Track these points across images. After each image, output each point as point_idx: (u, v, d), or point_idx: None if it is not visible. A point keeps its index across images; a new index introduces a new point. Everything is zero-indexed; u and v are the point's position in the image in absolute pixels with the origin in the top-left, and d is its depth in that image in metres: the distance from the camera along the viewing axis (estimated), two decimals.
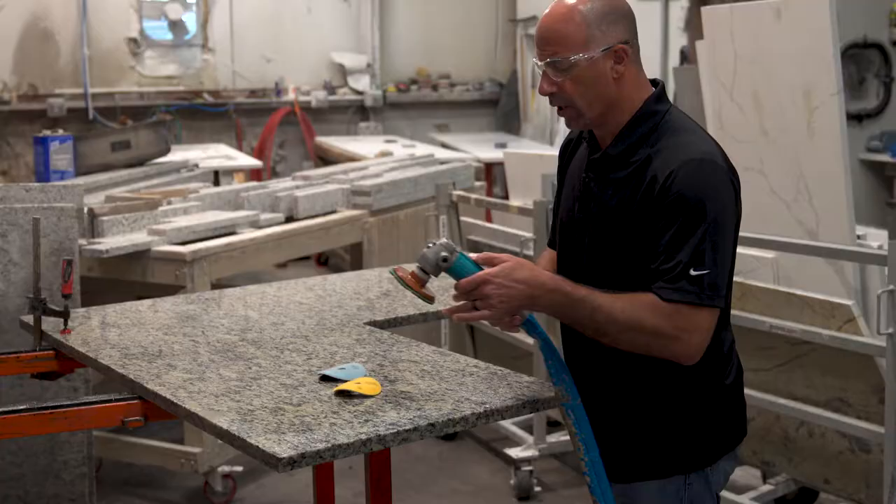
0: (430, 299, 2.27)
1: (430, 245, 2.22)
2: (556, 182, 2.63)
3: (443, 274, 2.23)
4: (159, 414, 2.53)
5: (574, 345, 2.40)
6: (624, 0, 2.29)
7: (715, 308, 2.17)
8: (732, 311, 3.93)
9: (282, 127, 10.51)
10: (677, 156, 2.18)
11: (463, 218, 5.33)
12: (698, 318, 2.15)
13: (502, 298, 2.15)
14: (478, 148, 9.48)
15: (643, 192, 2.19)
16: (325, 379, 2.48)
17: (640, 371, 2.29)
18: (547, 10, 2.27)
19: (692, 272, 2.13)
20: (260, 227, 5.21)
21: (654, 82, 2.34)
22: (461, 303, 2.20)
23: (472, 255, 2.23)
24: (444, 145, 9.90)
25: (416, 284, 2.23)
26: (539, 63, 2.26)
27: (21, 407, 2.59)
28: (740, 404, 2.44)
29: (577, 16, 2.21)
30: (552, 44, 2.23)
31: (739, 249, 4.15)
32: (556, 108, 2.32)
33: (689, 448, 2.32)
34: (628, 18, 2.27)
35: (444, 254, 2.19)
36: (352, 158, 8.57)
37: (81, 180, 5.99)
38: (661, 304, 2.14)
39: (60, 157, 6.34)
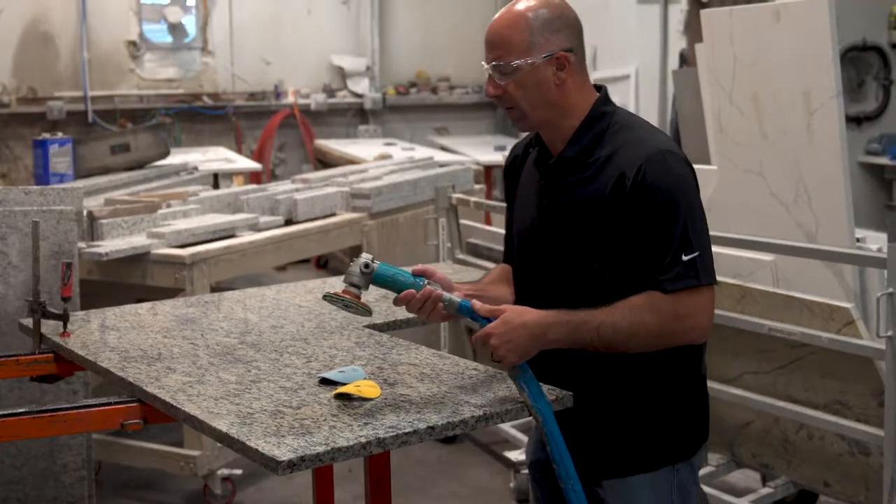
0: (368, 311, 2.35)
1: (353, 262, 2.33)
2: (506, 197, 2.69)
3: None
4: (159, 417, 2.52)
5: (555, 354, 2.40)
6: (571, 10, 2.38)
7: (712, 286, 2.26)
8: (731, 314, 3.96)
9: (281, 130, 10.51)
10: (640, 150, 2.27)
11: (462, 221, 5.34)
12: (699, 299, 2.24)
13: (509, 348, 2.24)
14: (477, 151, 9.49)
15: (612, 188, 2.27)
16: (325, 382, 2.48)
17: (625, 369, 2.35)
18: (496, 16, 2.37)
19: (684, 257, 2.22)
20: (259, 230, 5.21)
21: (597, 87, 2.43)
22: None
23: (409, 268, 2.33)
24: (444, 148, 9.91)
25: (353, 298, 2.31)
26: (485, 66, 2.35)
27: (20, 410, 2.58)
28: (706, 392, 2.54)
29: (522, 23, 2.31)
30: (497, 48, 2.33)
31: (738, 252, 4.18)
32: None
33: (676, 439, 2.41)
34: (573, 28, 2.36)
35: (365, 261, 2.31)
36: (351, 161, 8.58)
37: (81, 183, 5.99)
38: (658, 300, 2.22)
39: (60, 159, 6.34)
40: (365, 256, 2.34)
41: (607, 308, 2.24)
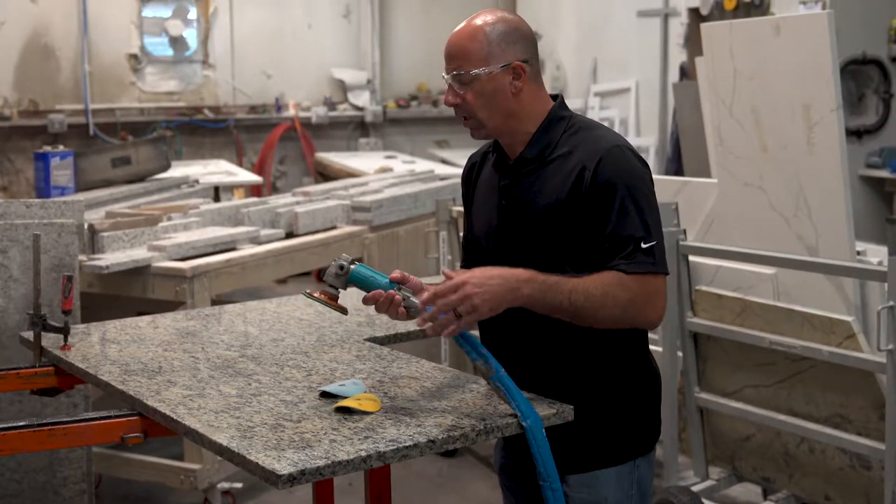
0: (343, 311, 2.47)
1: (332, 262, 2.42)
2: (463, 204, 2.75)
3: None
4: (159, 430, 2.52)
5: (521, 352, 2.46)
6: (525, 24, 2.49)
7: (665, 274, 2.37)
8: (731, 327, 3.96)
9: (282, 143, 10.52)
10: (599, 145, 2.38)
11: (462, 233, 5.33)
12: (657, 283, 2.34)
13: (485, 297, 2.25)
14: None
15: (573, 184, 2.35)
16: (325, 395, 2.48)
17: (587, 364, 2.43)
18: (455, 30, 2.48)
19: (643, 245, 2.31)
20: (260, 243, 5.21)
21: (553, 97, 2.53)
22: (441, 317, 2.26)
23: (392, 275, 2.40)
24: (444, 161, 9.91)
25: (328, 298, 2.42)
26: (445, 76, 2.46)
27: (20, 423, 2.58)
28: (660, 388, 2.62)
29: (480, 34, 2.42)
30: (457, 59, 2.44)
31: (739, 265, 4.18)
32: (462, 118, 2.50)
33: (637, 434, 2.50)
34: (528, 40, 2.47)
35: (341, 263, 2.40)
36: (352, 174, 8.58)
37: (82, 196, 6.00)
38: (626, 278, 2.30)
39: (61, 172, 6.35)
40: (342, 258, 2.42)
41: (580, 277, 2.31)
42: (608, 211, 2.32)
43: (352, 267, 2.41)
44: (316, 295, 2.43)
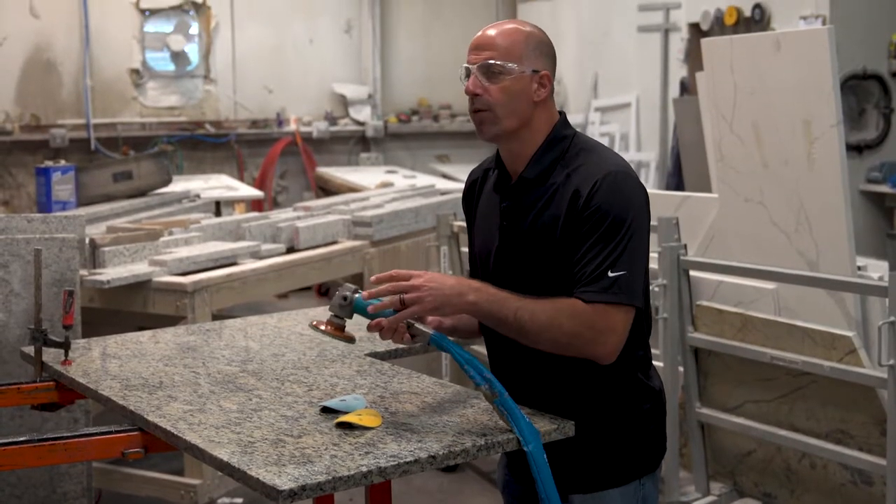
0: (350, 340, 2.47)
1: (337, 291, 2.42)
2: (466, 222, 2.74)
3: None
4: (159, 445, 2.52)
5: (527, 373, 2.46)
6: (550, 41, 2.49)
7: (631, 307, 2.32)
8: (732, 342, 3.96)
9: (283, 157, 10.53)
10: (596, 170, 2.35)
11: (464, 249, 5.34)
12: (615, 317, 2.30)
13: (432, 291, 2.29)
14: None
15: (567, 208, 2.35)
16: (326, 410, 2.48)
17: (592, 387, 2.42)
18: (489, 26, 2.47)
19: (610, 273, 2.28)
20: (261, 258, 5.21)
21: (558, 113, 2.52)
22: (387, 300, 2.30)
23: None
24: (446, 176, 9.92)
25: (334, 329, 2.42)
26: (472, 66, 2.42)
27: (21, 438, 2.58)
28: (665, 406, 2.59)
29: (518, 35, 2.42)
30: (490, 49, 2.41)
31: (740, 280, 4.18)
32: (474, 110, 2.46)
33: (642, 453, 2.49)
34: (553, 58, 2.49)
35: (345, 294, 2.39)
36: (353, 189, 8.59)
37: (83, 211, 6.01)
38: (580, 307, 2.28)
39: (62, 187, 6.35)
40: (346, 288, 2.42)
41: (532, 298, 2.31)
42: (590, 237, 2.31)
43: (355, 297, 2.40)
44: (322, 328, 2.43)
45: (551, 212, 2.38)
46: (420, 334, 2.35)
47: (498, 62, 2.39)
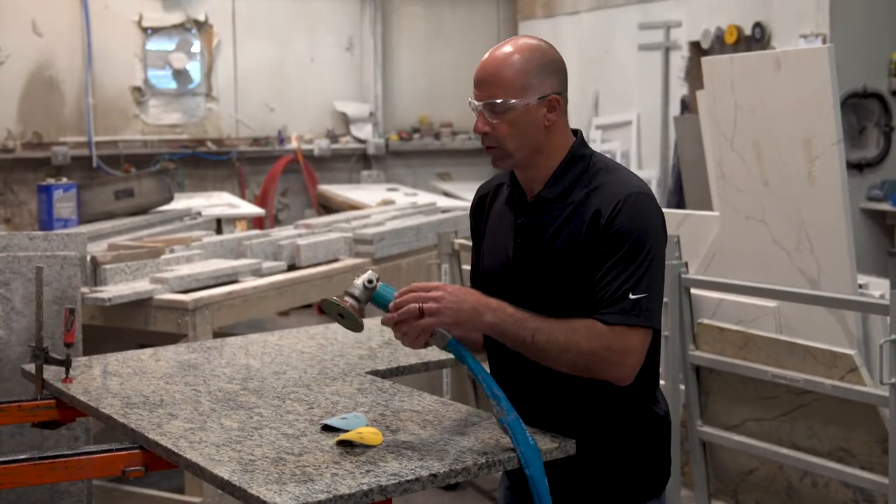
0: (361, 326, 2.37)
1: (357, 276, 2.38)
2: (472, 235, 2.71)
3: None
4: (160, 464, 2.52)
5: (534, 397, 2.44)
6: (558, 54, 2.42)
7: (650, 330, 2.32)
8: (734, 360, 3.95)
9: (284, 175, 10.55)
10: (617, 191, 2.33)
11: (465, 266, 5.34)
12: (634, 339, 2.29)
13: (452, 309, 2.28)
14: None
15: (587, 228, 2.32)
16: (327, 429, 2.48)
17: (597, 411, 2.40)
18: (489, 54, 2.40)
19: (631, 296, 2.27)
20: (262, 276, 5.22)
21: (573, 132, 2.47)
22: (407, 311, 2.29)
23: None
24: (447, 193, 9.94)
25: (350, 307, 2.33)
26: (477, 103, 2.39)
27: (21, 456, 2.58)
28: (669, 430, 2.57)
29: (518, 63, 2.34)
30: (492, 86, 2.36)
31: (741, 298, 4.18)
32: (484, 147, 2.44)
33: (647, 478, 2.46)
34: (562, 72, 2.41)
35: (370, 276, 2.36)
36: (354, 207, 8.60)
37: (85, 228, 6.02)
38: (598, 328, 2.27)
39: (64, 205, 6.37)
40: (371, 272, 2.38)
41: (550, 319, 2.30)
42: (610, 258, 2.29)
43: (378, 284, 2.37)
44: (339, 301, 2.34)
45: (570, 230, 2.34)
46: (439, 336, 2.32)
47: (502, 100, 2.34)
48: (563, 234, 2.35)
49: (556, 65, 2.39)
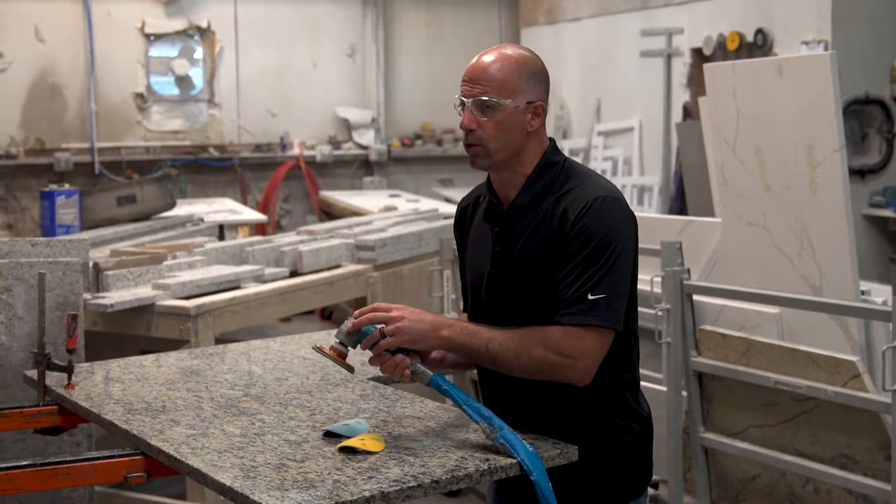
0: (350, 369, 2.49)
1: (346, 320, 2.44)
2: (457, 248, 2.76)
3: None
4: (162, 470, 2.52)
5: (519, 399, 2.48)
6: (544, 64, 2.50)
7: (608, 330, 2.33)
8: (736, 367, 3.95)
9: (286, 181, 10.56)
10: (585, 194, 2.38)
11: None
12: (588, 340, 2.32)
13: (412, 328, 2.34)
14: None
15: (556, 232, 2.37)
16: (329, 435, 2.48)
17: (579, 412, 2.43)
18: (483, 53, 2.46)
19: (589, 296, 2.30)
20: (264, 282, 5.22)
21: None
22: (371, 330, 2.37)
23: None
24: (449, 200, 9.93)
25: (337, 355, 2.43)
26: (466, 99, 2.44)
27: (23, 463, 2.58)
28: (651, 431, 2.59)
29: (513, 66, 2.42)
30: (483, 84, 2.42)
31: (743, 305, 4.17)
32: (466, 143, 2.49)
33: (629, 479, 2.49)
34: (548, 83, 2.49)
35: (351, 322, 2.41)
36: (356, 213, 8.60)
37: (87, 234, 6.02)
38: (550, 333, 2.32)
39: (66, 211, 6.37)
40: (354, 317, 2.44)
41: (504, 329, 2.36)
42: (573, 259, 2.33)
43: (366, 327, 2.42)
44: (326, 350, 2.44)
45: (542, 235, 2.39)
46: (421, 374, 2.40)
47: (492, 98, 2.40)
48: (535, 239, 2.40)
49: (543, 74, 2.47)
